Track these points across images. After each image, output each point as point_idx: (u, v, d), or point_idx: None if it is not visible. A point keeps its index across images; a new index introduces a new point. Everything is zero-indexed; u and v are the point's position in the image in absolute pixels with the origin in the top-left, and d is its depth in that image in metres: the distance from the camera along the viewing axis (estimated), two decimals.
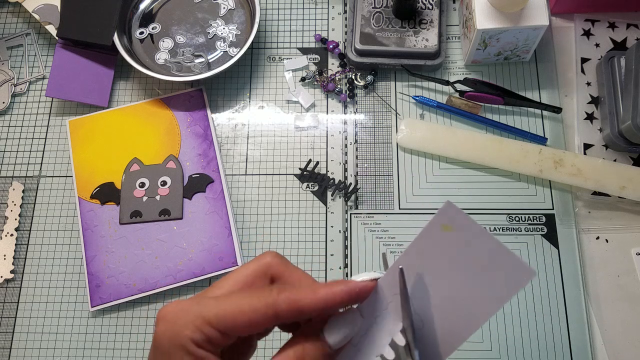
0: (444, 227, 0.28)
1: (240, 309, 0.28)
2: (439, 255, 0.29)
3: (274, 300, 0.28)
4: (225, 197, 0.59)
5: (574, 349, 0.54)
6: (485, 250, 0.28)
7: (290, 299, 0.28)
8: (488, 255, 0.28)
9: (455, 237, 0.28)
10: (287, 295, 0.28)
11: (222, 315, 0.28)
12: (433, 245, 0.29)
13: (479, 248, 0.28)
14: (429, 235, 0.29)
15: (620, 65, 0.59)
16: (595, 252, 0.57)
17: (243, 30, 0.66)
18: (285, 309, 0.28)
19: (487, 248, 0.28)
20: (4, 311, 0.58)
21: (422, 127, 0.61)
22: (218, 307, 0.28)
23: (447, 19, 0.66)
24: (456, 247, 0.28)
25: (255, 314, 0.28)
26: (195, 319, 0.28)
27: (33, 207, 0.62)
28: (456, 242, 0.28)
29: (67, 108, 0.66)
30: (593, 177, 0.57)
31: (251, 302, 0.28)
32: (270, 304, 0.28)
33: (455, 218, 0.28)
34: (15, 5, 0.70)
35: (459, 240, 0.28)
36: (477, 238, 0.28)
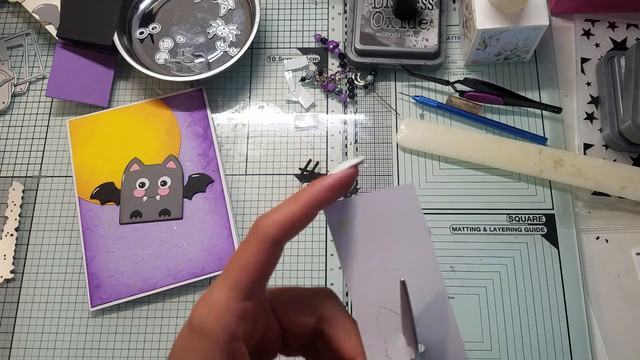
0: (341, 225, 0.28)
1: (247, 263, 0.27)
2: (362, 243, 0.29)
3: (265, 231, 0.27)
4: (225, 197, 0.59)
5: (574, 349, 0.54)
6: (375, 208, 0.28)
7: (277, 219, 0.27)
8: (381, 208, 0.28)
9: (356, 222, 0.28)
10: (274, 217, 0.27)
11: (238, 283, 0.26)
12: (351, 241, 0.29)
13: (372, 211, 0.28)
14: (340, 240, 0.29)
15: (620, 65, 0.59)
16: (595, 252, 0.57)
17: (243, 30, 0.66)
18: (277, 232, 0.27)
19: (375, 205, 0.28)
20: (4, 311, 0.58)
21: (422, 127, 0.61)
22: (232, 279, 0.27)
23: (447, 19, 0.66)
24: (361, 228, 0.29)
25: (261, 255, 0.26)
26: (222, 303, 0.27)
27: (33, 207, 0.62)
28: (359, 224, 0.29)
29: (67, 108, 0.66)
30: (593, 177, 0.57)
31: (246, 250, 0.27)
32: (263, 238, 0.27)
33: (340, 211, 0.28)
34: (15, 5, 0.70)
35: (358, 222, 0.29)
36: (364, 206, 0.28)
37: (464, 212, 0.59)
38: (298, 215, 0.27)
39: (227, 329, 0.26)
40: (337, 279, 0.58)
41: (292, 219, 0.27)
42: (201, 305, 0.27)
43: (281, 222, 0.26)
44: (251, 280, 0.26)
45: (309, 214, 0.27)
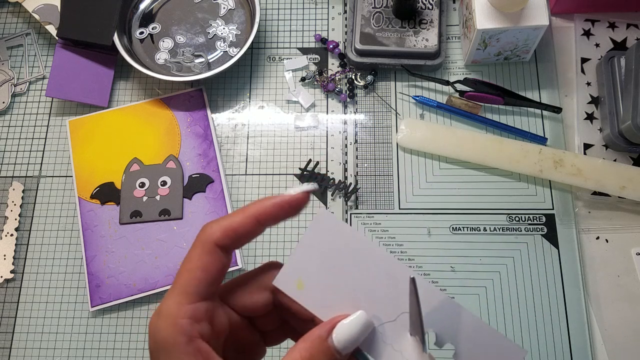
0: (299, 286, 0.30)
1: (192, 266, 0.28)
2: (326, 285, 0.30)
3: (209, 235, 0.28)
4: (225, 197, 0.59)
5: (574, 349, 0.54)
6: (314, 251, 0.30)
7: (222, 225, 0.28)
8: (319, 246, 0.29)
9: (309, 275, 0.30)
10: (219, 224, 0.28)
11: (185, 287, 0.28)
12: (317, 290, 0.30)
13: (315, 255, 0.30)
14: (306, 299, 0.30)
15: (620, 65, 0.59)
16: (595, 252, 0.57)
17: (243, 30, 0.66)
18: (220, 235, 0.28)
19: (313, 248, 0.30)
20: (4, 311, 0.58)
21: (422, 127, 0.61)
22: (179, 284, 0.28)
23: (447, 19, 0.66)
24: (316, 275, 0.30)
25: (201, 261, 0.28)
26: (172, 309, 0.28)
27: (33, 207, 0.62)
28: (313, 274, 0.30)
29: (67, 108, 0.66)
30: (593, 177, 0.57)
31: (194, 257, 0.28)
32: (206, 240, 0.28)
33: (287, 278, 0.30)
34: (15, 5, 0.70)
35: (310, 273, 0.30)
36: (304, 256, 0.30)
37: (464, 212, 0.59)
38: (242, 225, 0.28)
39: (182, 331, 0.27)
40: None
41: (236, 227, 0.28)
42: (154, 317, 0.28)
43: (224, 227, 0.28)
44: (197, 283, 0.28)
45: (254, 226, 0.28)
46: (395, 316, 0.29)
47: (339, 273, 0.29)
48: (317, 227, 0.30)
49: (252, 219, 0.28)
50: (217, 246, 0.28)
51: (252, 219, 0.28)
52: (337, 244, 0.30)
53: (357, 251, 0.29)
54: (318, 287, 0.29)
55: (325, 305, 0.29)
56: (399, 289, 0.29)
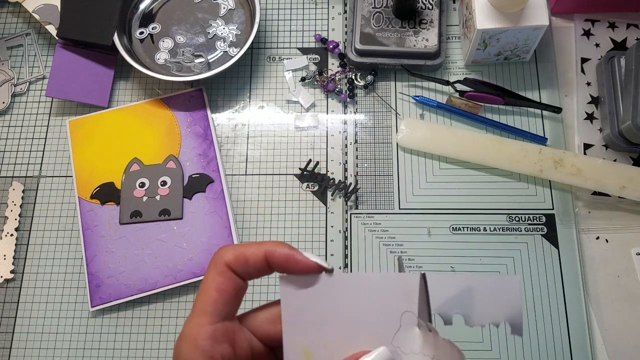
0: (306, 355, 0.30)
1: (207, 287, 0.29)
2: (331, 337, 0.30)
3: (221, 255, 0.29)
4: (225, 197, 0.59)
5: (574, 349, 0.54)
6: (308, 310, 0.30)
7: (235, 250, 0.30)
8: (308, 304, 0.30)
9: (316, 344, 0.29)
10: (233, 249, 0.30)
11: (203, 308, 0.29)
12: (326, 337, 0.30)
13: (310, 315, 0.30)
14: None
15: (620, 65, 0.59)
16: (595, 252, 0.57)
17: (243, 30, 0.66)
18: (232, 259, 0.29)
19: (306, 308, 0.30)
20: (4, 311, 0.58)
21: (422, 127, 0.61)
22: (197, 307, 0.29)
23: (447, 19, 0.66)
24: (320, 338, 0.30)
25: (219, 278, 0.29)
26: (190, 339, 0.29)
27: (33, 207, 0.62)
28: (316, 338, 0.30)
29: (67, 108, 0.66)
30: (593, 177, 0.57)
31: (208, 279, 0.30)
32: (218, 260, 0.29)
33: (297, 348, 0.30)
34: (15, 5, 0.70)
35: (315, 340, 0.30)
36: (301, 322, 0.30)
37: (464, 212, 0.59)
38: (254, 256, 0.29)
39: (203, 352, 0.28)
40: None
41: (248, 255, 0.29)
42: (178, 341, 0.29)
43: (237, 252, 0.29)
44: (213, 302, 0.29)
45: (263, 263, 0.30)
46: (399, 322, 0.29)
47: (335, 320, 0.30)
48: (287, 293, 0.30)
49: (263, 256, 0.29)
50: (228, 268, 0.29)
51: (262, 253, 0.29)
52: (314, 295, 0.30)
53: (335, 290, 0.30)
54: (323, 345, 0.30)
55: (340, 356, 0.29)
56: (390, 296, 0.29)
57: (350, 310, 0.29)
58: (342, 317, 0.29)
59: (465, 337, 0.55)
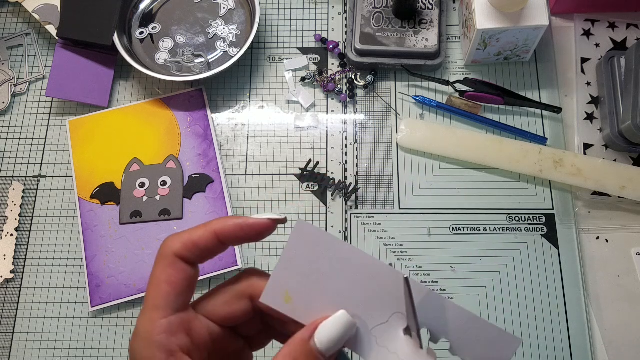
0: (286, 299, 0.29)
1: (157, 281, 0.28)
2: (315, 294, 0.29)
3: (168, 247, 0.28)
4: (225, 197, 0.59)
5: (574, 349, 0.54)
6: (298, 263, 0.29)
7: (182, 237, 0.29)
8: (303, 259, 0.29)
9: (295, 290, 0.29)
10: (180, 236, 0.29)
11: (154, 302, 0.28)
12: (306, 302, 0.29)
13: (299, 268, 0.29)
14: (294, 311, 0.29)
15: (620, 65, 0.59)
16: (595, 252, 0.57)
17: (243, 30, 0.66)
18: (180, 247, 0.28)
19: (296, 261, 0.30)
20: (4, 311, 0.58)
21: (422, 127, 0.61)
22: (148, 302, 0.28)
23: (447, 19, 0.66)
24: (303, 289, 0.29)
25: (167, 270, 0.28)
26: (146, 327, 0.28)
27: (33, 207, 0.62)
28: (299, 289, 0.29)
29: (67, 108, 0.66)
30: (593, 177, 0.57)
31: (155, 269, 0.29)
32: (166, 252, 0.28)
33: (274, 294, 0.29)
34: (15, 5, 0.70)
35: (297, 287, 0.29)
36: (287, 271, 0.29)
37: (464, 212, 0.59)
38: (203, 239, 0.28)
39: (160, 347, 0.27)
40: None
41: (196, 240, 0.28)
42: (132, 339, 0.28)
43: (184, 240, 0.28)
44: (164, 296, 0.28)
45: (213, 242, 0.29)
46: (387, 317, 0.29)
47: (325, 281, 0.29)
48: (298, 237, 0.30)
49: (212, 234, 0.29)
50: (178, 258, 0.28)
51: (212, 234, 0.29)
52: (320, 252, 0.29)
53: (341, 257, 0.29)
54: (305, 297, 0.29)
55: (314, 316, 0.29)
56: (388, 290, 0.29)
57: (344, 282, 0.29)
58: (334, 284, 0.29)
59: None
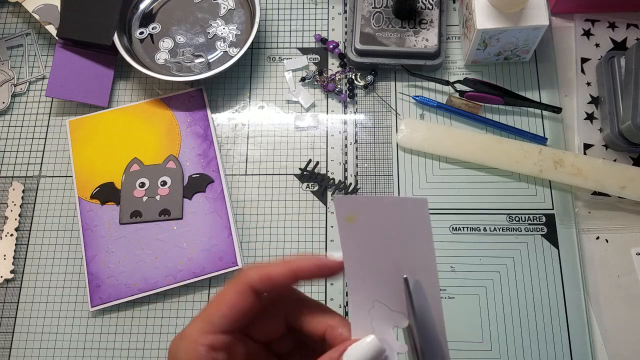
0: (349, 220, 0.29)
1: (221, 303, 0.30)
2: (367, 241, 0.30)
3: (246, 276, 0.30)
4: (225, 197, 0.59)
5: (574, 349, 0.54)
6: (385, 211, 0.29)
7: (260, 271, 0.30)
8: (393, 216, 0.29)
9: (363, 220, 0.29)
10: (258, 269, 0.30)
11: (210, 319, 0.30)
12: (356, 236, 0.30)
13: (381, 214, 0.29)
14: (345, 232, 0.30)
15: (620, 65, 0.59)
16: (595, 252, 0.57)
17: (243, 30, 0.66)
18: (257, 280, 0.30)
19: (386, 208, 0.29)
20: (4, 311, 0.58)
21: (422, 127, 0.61)
22: (204, 315, 0.30)
23: (447, 19, 0.66)
24: (368, 227, 0.29)
25: (234, 297, 0.30)
26: (191, 338, 0.29)
27: (33, 207, 0.62)
28: (366, 223, 0.29)
29: (67, 108, 0.66)
30: (593, 177, 0.57)
31: (228, 292, 0.30)
32: (244, 282, 0.30)
33: (349, 205, 0.29)
34: (15, 5, 0.70)
35: (365, 220, 0.29)
36: (374, 207, 0.29)
37: (464, 212, 0.59)
38: (281, 275, 0.30)
39: (199, 357, 0.29)
40: (337, 278, 0.58)
41: (274, 276, 0.30)
42: (176, 338, 0.30)
43: (263, 274, 0.30)
44: (222, 316, 0.30)
45: (291, 279, 0.30)
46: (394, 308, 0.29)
47: (387, 242, 0.29)
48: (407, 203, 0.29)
49: (291, 272, 0.30)
50: (251, 289, 0.30)
51: (290, 272, 0.30)
52: (407, 225, 0.29)
53: (414, 243, 0.29)
54: (361, 235, 0.29)
55: (355, 252, 0.30)
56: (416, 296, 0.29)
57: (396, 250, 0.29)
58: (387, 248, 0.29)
59: (465, 337, 0.55)
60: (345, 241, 0.30)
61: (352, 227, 0.29)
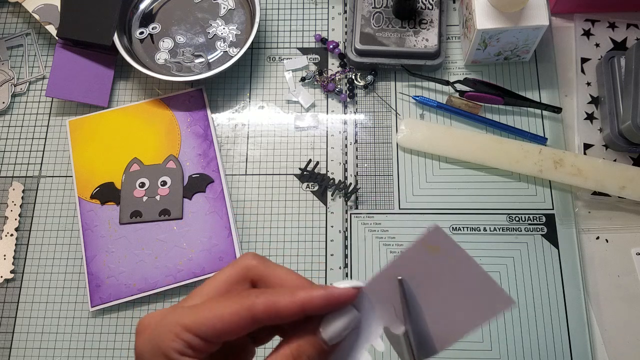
0: (430, 248, 0.29)
1: (217, 315, 0.28)
2: (424, 271, 0.29)
3: (252, 303, 0.28)
4: (225, 197, 0.59)
5: (574, 349, 0.54)
6: (469, 275, 0.29)
7: (267, 302, 0.28)
8: (471, 280, 0.29)
9: (441, 258, 0.29)
10: (265, 297, 0.28)
11: (200, 322, 0.27)
12: (419, 262, 0.29)
13: (463, 272, 0.29)
14: (415, 252, 0.29)
15: (620, 65, 0.59)
16: (595, 252, 0.57)
17: (243, 30, 0.66)
18: (262, 311, 0.28)
19: (471, 273, 0.29)
20: (4, 311, 0.58)
21: (422, 127, 0.61)
22: (196, 315, 0.28)
23: (447, 19, 0.66)
24: (440, 267, 0.29)
25: (233, 317, 0.27)
26: (174, 327, 0.27)
27: (33, 207, 0.62)
28: (441, 263, 0.29)
29: (67, 108, 0.66)
30: (593, 177, 0.57)
31: (228, 307, 0.28)
32: (247, 307, 0.28)
33: (442, 242, 0.29)
34: (15, 5, 0.70)
35: (444, 262, 0.29)
36: (462, 263, 0.29)
37: (464, 212, 0.59)
38: (289, 311, 0.28)
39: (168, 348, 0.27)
40: (337, 279, 0.58)
41: (281, 310, 0.28)
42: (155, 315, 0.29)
43: (270, 306, 0.28)
44: (212, 327, 0.27)
45: (298, 315, 0.28)
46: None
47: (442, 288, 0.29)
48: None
49: (299, 306, 0.28)
50: (253, 318, 0.28)
51: (298, 306, 0.28)
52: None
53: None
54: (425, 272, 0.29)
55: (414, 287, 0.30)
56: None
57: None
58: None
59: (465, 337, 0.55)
60: (406, 256, 0.29)
61: (424, 254, 0.29)
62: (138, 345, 0.29)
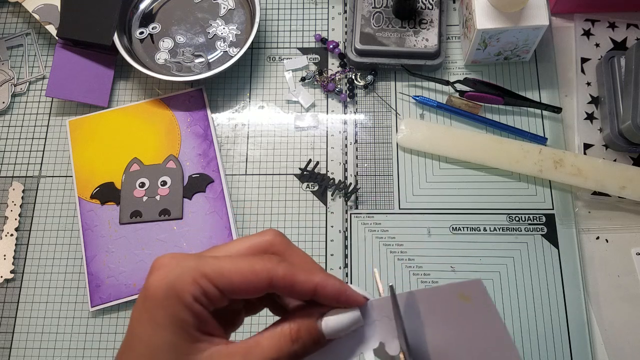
0: (462, 296, 0.29)
1: (238, 269, 0.28)
2: (445, 310, 0.30)
3: (273, 267, 0.28)
4: (225, 197, 0.59)
5: (574, 349, 0.54)
6: (490, 331, 0.29)
7: (287, 271, 0.28)
8: (490, 336, 0.29)
9: (468, 307, 0.29)
10: (286, 267, 0.28)
11: (220, 272, 0.27)
12: (444, 301, 0.30)
13: (486, 326, 0.29)
14: (445, 292, 0.30)
15: (620, 65, 0.59)
16: (595, 252, 0.57)
17: (243, 30, 0.66)
18: (281, 277, 0.28)
19: (493, 330, 0.29)
20: (4, 311, 0.58)
21: (422, 127, 0.61)
22: (218, 264, 0.28)
23: (447, 19, 0.66)
24: (465, 314, 0.29)
25: (252, 276, 0.28)
26: (194, 271, 0.27)
27: (33, 207, 0.62)
28: (466, 311, 0.29)
29: (67, 108, 0.66)
30: (593, 177, 0.57)
31: (250, 265, 0.28)
32: (268, 269, 0.28)
33: (477, 295, 0.29)
34: (15, 5, 0.70)
35: (470, 311, 0.29)
36: (488, 319, 0.29)
37: (464, 212, 0.59)
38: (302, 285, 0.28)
39: (184, 290, 0.27)
40: None
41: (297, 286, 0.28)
42: (172, 257, 0.28)
43: (288, 278, 0.28)
44: (230, 282, 0.27)
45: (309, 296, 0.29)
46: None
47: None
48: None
49: (312, 287, 0.28)
50: (268, 283, 0.28)
51: (312, 287, 0.28)
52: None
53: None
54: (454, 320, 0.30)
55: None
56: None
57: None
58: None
59: None
60: (433, 293, 0.30)
61: (455, 299, 0.29)
62: (151, 281, 0.28)
